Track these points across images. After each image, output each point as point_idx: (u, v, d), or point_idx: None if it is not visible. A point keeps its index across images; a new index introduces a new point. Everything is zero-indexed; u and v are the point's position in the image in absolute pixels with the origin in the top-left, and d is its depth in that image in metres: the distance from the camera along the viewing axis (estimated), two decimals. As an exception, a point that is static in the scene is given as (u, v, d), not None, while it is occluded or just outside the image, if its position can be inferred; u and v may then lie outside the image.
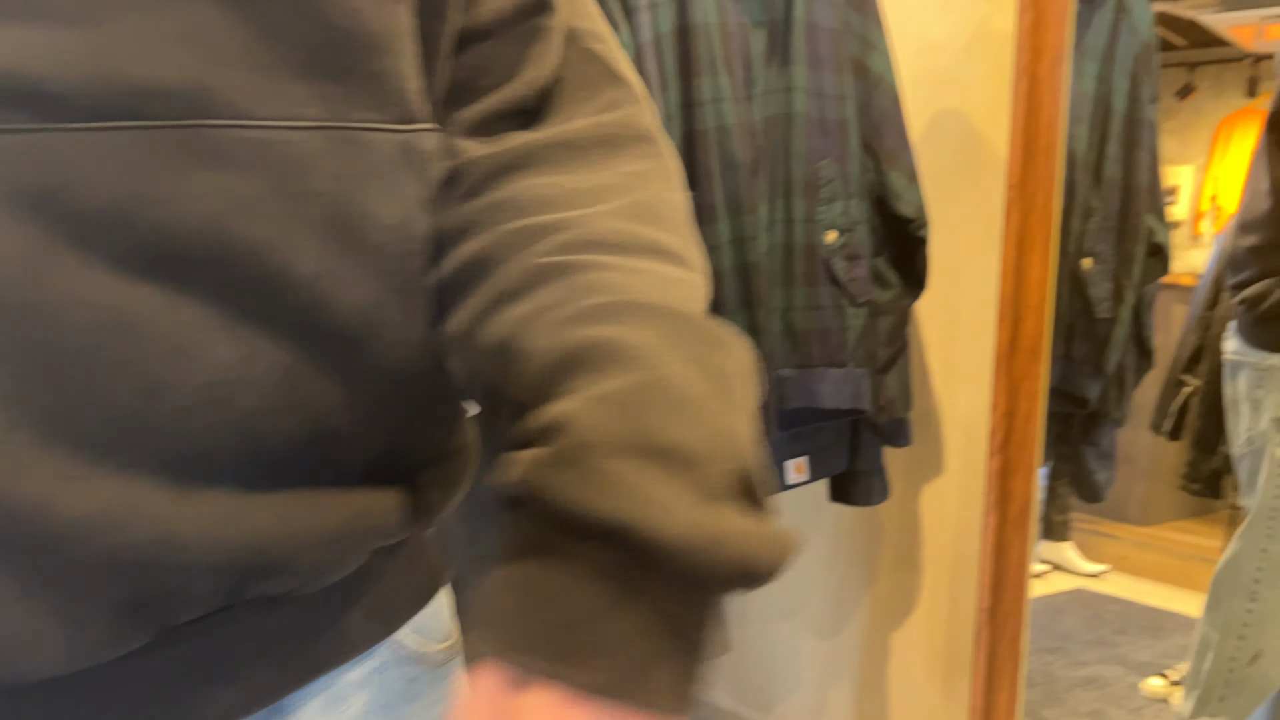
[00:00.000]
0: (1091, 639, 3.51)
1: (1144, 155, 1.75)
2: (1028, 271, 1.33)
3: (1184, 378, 3.15)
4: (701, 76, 1.12)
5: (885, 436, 1.47)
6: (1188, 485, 3.08)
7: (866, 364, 1.37)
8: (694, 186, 1.15)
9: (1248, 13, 5.07)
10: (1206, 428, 2.96)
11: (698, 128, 1.13)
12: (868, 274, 1.35)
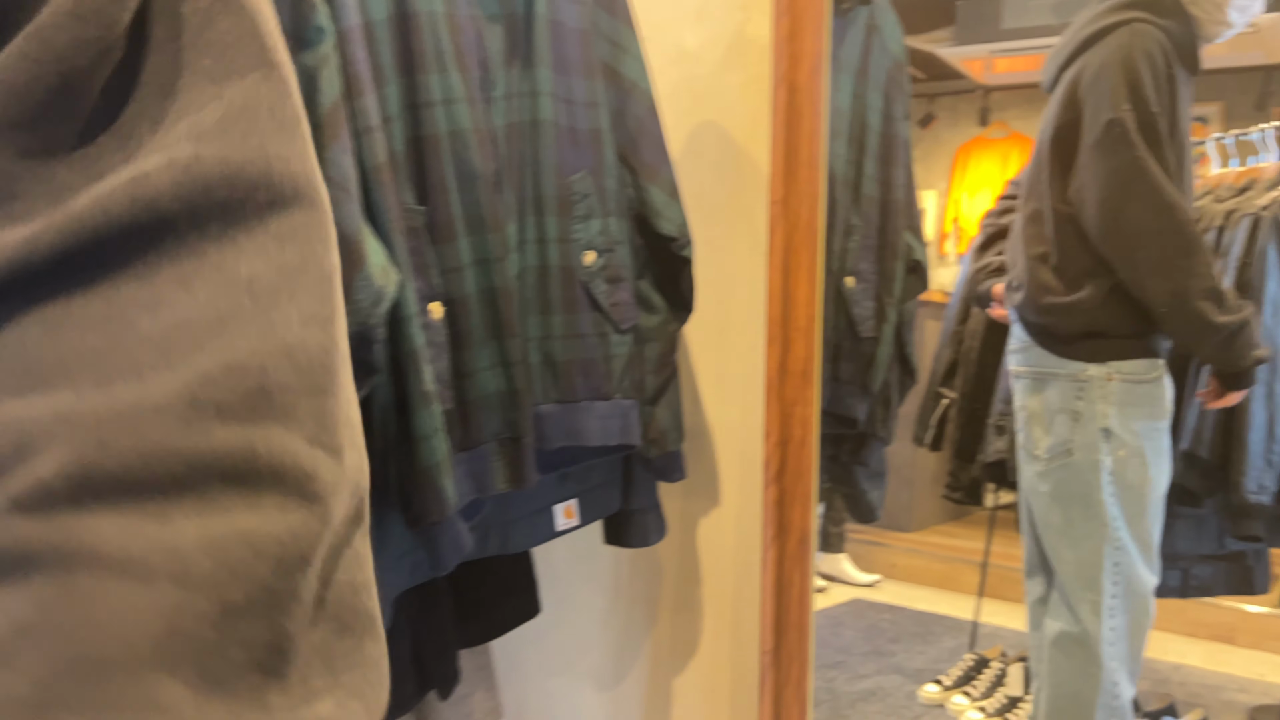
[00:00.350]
0: (870, 650, 3.58)
1: (900, 172, 1.75)
2: (794, 292, 1.27)
3: (942, 390, 3.28)
4: (428, 73, 0.97)
5: (658, 471, 1.37)
6: (950, 494, 3.20)
7: (634, 395, 1.26)
8: (426, 200, 1.00)
9: (978, 47, 5.48)
10: (965, 438, 3.08)
11: (427, 132, 0.98)
12: (631, 298, 1.23)
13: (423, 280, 0.96)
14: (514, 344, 1.07)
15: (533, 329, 1.15)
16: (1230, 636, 4.04)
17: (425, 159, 0.99)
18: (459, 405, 1.05)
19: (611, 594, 1.70)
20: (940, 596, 4.50)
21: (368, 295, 0.80)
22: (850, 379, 1.75)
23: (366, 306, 0.79)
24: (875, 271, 1.75)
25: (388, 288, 0.82)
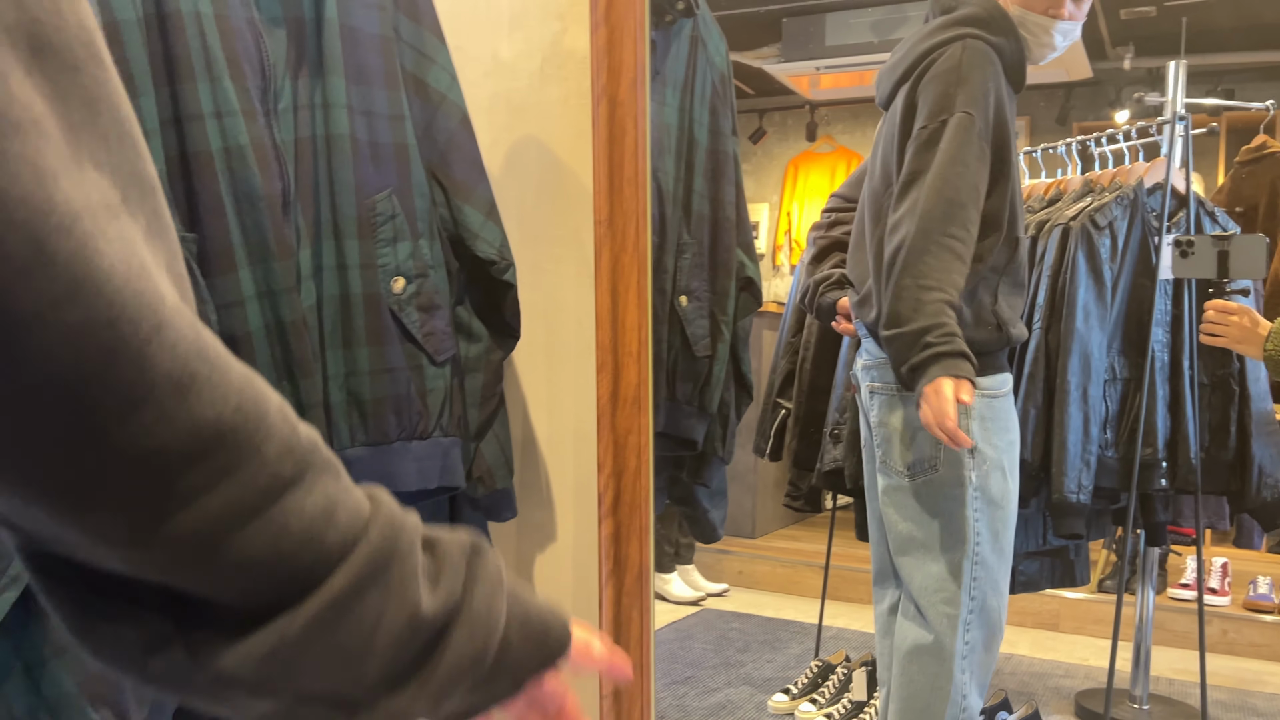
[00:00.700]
0: (720, 662, 3.58)
1: (729, 189, 1.72)
2: (624, 316, 1.20)
3: (779, 401, 3.31)
4: (195, 82, 0.85)
5: (487, 511, 1.27)
6: (791, 502, 3.22)
7: (456, 432, 1.16)
8: (196, 227, 0.87)
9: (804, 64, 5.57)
10: (803, 448, 3.11)
11: (194, 149, 0.86)
12: (448, 326, 1.14)
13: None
14: (309, 385, 0.96)
15: (335, 365, 1.04)
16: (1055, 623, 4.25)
17: (195, 179, 0.86)
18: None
19: (443, 639, 1.59)
20: (786, 601, 4.56)
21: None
22: (687, 399, 1.71)
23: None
24: (708, 289, 1.71)
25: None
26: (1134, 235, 2.37)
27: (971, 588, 1.75)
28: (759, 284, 1.77)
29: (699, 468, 1.81)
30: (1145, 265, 2.37)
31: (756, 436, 3.39)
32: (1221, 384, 2.45)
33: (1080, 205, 2.41)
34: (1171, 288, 2.41)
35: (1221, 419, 2.44)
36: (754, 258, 1.77)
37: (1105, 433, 2.38)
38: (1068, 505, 2.27)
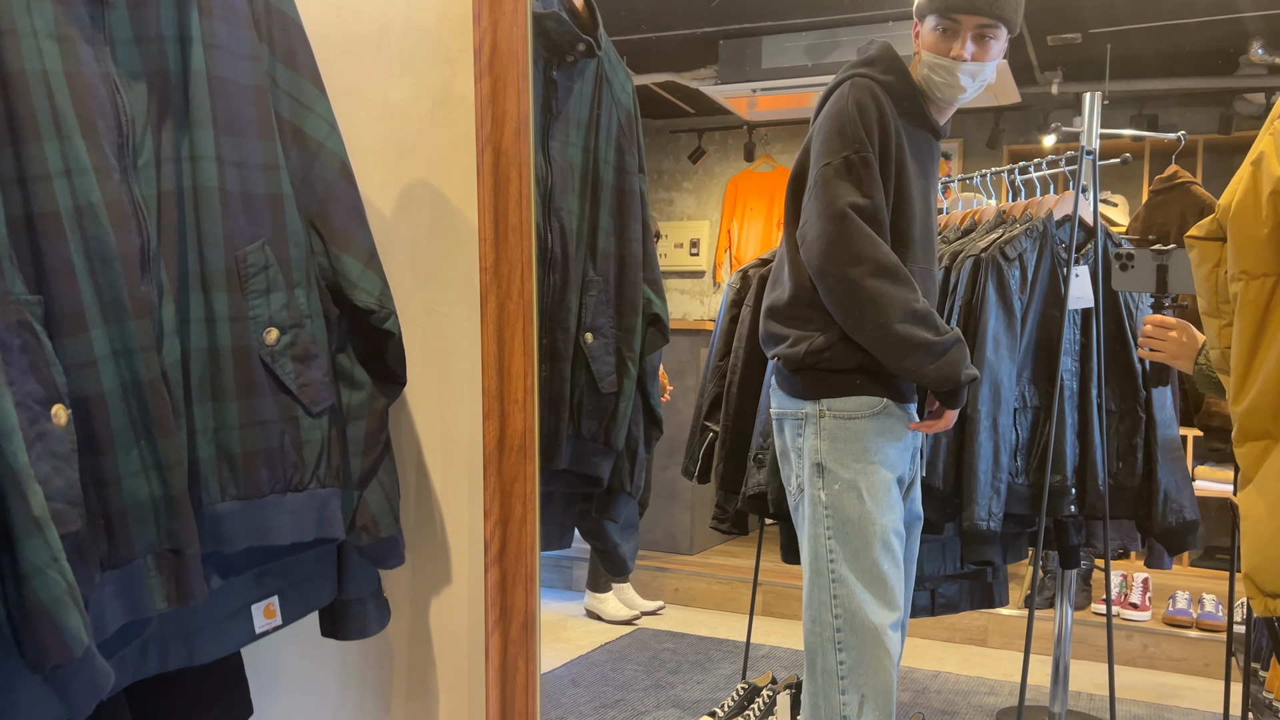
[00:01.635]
0: (650, 684, 3.58)
1: (635, 225, 1.73)
2: (510, 364, 1.20)
3: (707, 424, 3.32)
4: (40, 141, 0.83)
5: (373, 559, 1.26)
6: (718, 525, 3.24)
7: (335, 482, 1.15)
8: (43, 288, 0.85)
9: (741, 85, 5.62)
10: (729, 471, 3.13)
11: (40, 209, 0.84)
12: (326, 375, 1.12)
13: (39, 381, 0.82)
14: (168, 444, 0.94)
15: (204, 419, 1.02)
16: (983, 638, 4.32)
17: (42, 239, 0.85)
18: (103, 518, 0.91)
19: (340, 684, 1.57)
20: (721, 619, 4.57)
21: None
22: (593, 436, 1.71)
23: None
24: (614, 326, 1.71)
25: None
26: (1043, 266, 2.42)
27: (834, 605, 1.79)
28: (665, 320, 1.78)
29: (607, 503, 1.81)
30: (1055, 295, 2.43)
31: (685, 458, 3.40)
32: (1129, 411, 2.51)
33: (992, 236, 2.45)
34: (1080, 317, 2.46)
35: (1128, 445, 2.50)
36: (661, 294, 1.78)
37: (1016, 460, 2.42)
38: (979, 533, 2.31)
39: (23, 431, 0.78)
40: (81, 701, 0.83)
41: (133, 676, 1.11)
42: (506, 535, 1.22)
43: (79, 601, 0.81)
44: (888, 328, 1.71)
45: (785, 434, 1.93)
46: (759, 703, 3.09)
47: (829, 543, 1.83)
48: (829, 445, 1.81)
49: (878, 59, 1.85)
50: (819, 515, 1.83)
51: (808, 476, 1.84)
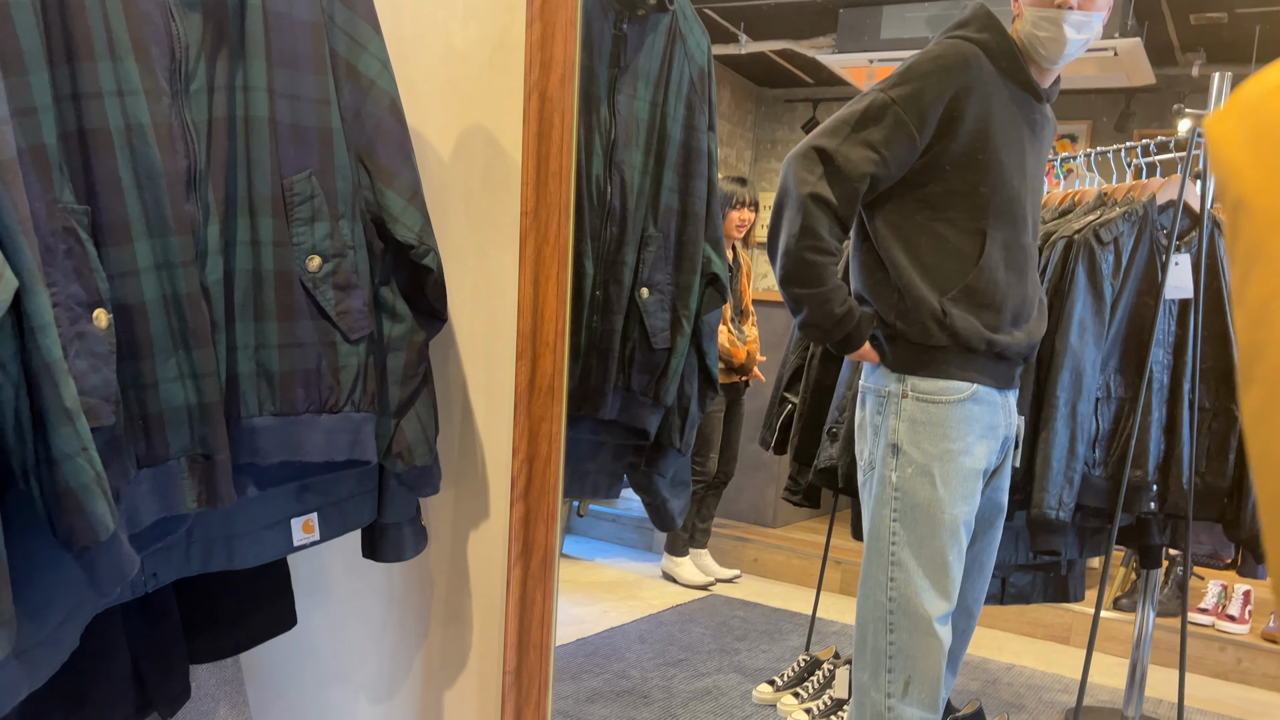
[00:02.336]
0: (715, 648, 3.61)
1: (700, 184, 1.73)
2: (544, 306, 1.23)
3: (786, 395, 3.31)
4: (93, 61, 0.90)
5: (409, 485, 1.32)
6: (790, 496, 3.22)
7: (370, 408, 1.21)
8: (91, 200, 0.93)
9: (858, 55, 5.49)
10: (805, 443, 3.11)
11: (91, 125, 0.91)
12: (365, 305, 1.18)
13: (82, 285, 0.89)
14: (204, 355, 1.01)
15: (245, 337, 1.09)
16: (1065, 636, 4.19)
17: (91, 155, 0.91)
18: (141, 419, 0.98)
19: (385, 605, 1.65)
20: (795, 593, 4.56)
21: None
22: (642, 390, 1.73)
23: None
24: (671, 283, 1.72)
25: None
26: (1140, 252, 2.31)
27: (889, 588, 1.77)
28: (725, 280, 1.78)
29: (655, 458, 1.83)
30: (1150, 284, 2.32)
31: (763, 429, 3.39)
32: (1223, 410, 2.38)
33: (1089, 219, 2.36)
34: (1177, 309, 2.35)
35: (1220, 445, 2.38)
36: (722, 254, 1.78)
37: (1094, 451, 2.33)
38: (1047, 521, 2.24)
39: (61, 330, 0.85)
40: (107, 582, 0.90)
41: (178, 573, 1.20)
42: (532, 473, 1.25)
43: (106, 490, 0.88)
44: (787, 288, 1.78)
45: (866, 407, 1.89)
46: (819, 675, 3.08)
47: (893, 524, 1.80)
48: (907, 427, 1.77)
49: (971, 19, 1.80)
50: (886, 496, 1.80)
51: (881, 455, 1.82)
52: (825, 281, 1.73)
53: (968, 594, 1.94)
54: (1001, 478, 1.90)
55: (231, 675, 1.49)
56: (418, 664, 1.63)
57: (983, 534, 1.92)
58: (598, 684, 3.10)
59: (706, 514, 4.62)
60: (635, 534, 5.21)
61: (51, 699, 1.18)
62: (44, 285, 0.81)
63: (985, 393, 1.77)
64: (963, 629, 1.98)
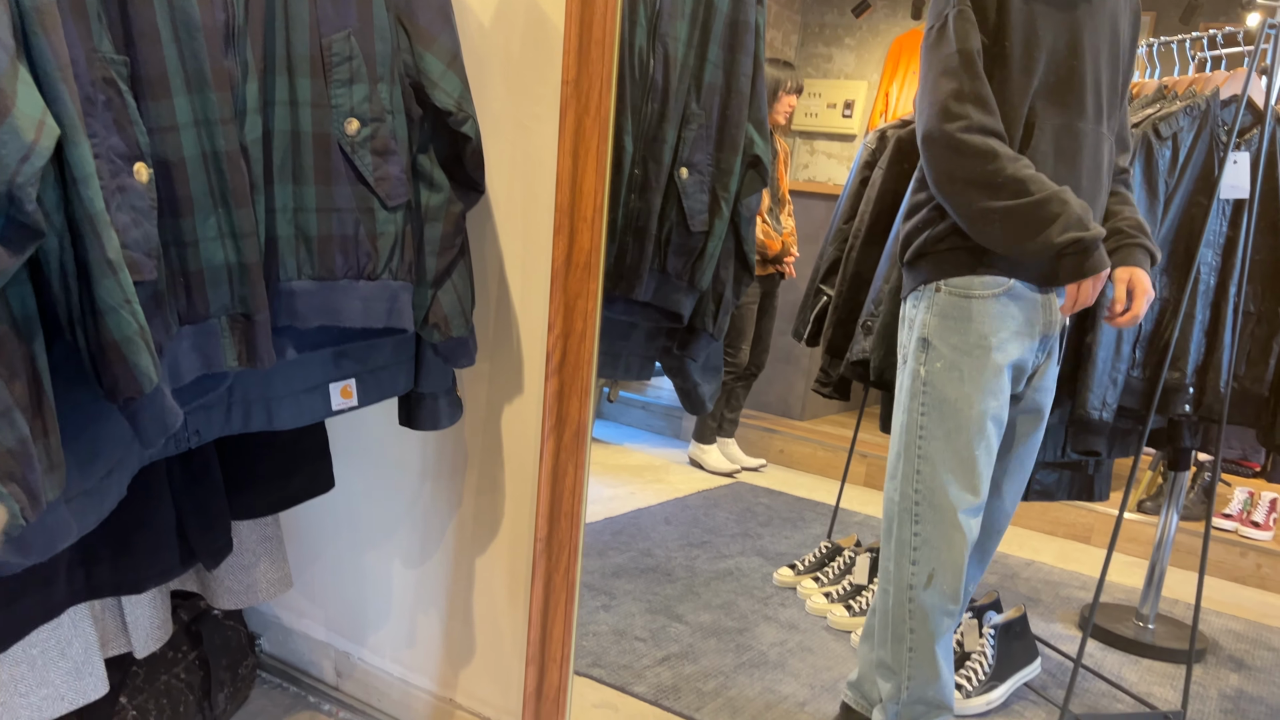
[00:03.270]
0: (738, 532, 3.68)
1: (746, 60, 1.67)
2: (582, 180, 1.21)
3: (822, 287, 3.28)
4: (129, -93, 0.88)
5: (445, 356, 1.33)
6: (820, 389, 3.23)
7: (407, 277, 1.21)
8: (129, 50, 0.91)
9: (914, -66, 5.22)
10: (838, 336, 3.10)
11: (129, -24, 0.89)
12: (404, 172, 1.17)
13: (123, 138, 0.89)
14: (243, 214, 1.01)
15: (284, 199, 1.08)
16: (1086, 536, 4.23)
17: (129, 5, 0.90)
18: (182, 276, 0.99)
19: (420, 473, 1.69)
20: (819, 483, 4.63)
21: (12, 149, 0.73)
22: (678, 273, 1.72)
23: (11, 162, 0.72)
24: (711, 164, 1.69)
25: (41, 143, 0.75)
26: (1199, 149, 2.23)
27: (916, 480, 1.78)
28: (767, 162, 1.74)
29: (688, 342, 1.83)
30: (1206, 182, 2.24)
31: (796, 320, 3.38)
32: (1270, 315, 2.34)
33: (1148, 112, 2.27)
34: (1230, 209, 2.28)
35: (1262, 351, 2.34)
36: (765, 135, 1.74)
37: (1135, 352, 2.31)
38: (1090, 422, 2.23)
39: (103, 182, 0.85)
40: (151, 433, 0.92)
41: (219, 432, 1.23)
42: (566, 349, 1.26)
43: (150, 343, 0.89)
44: (950, 187, 1.64)
45: (906, 303, 1.87)
46: (839, 561, 3.14)
47: (922, 419, 1.80)
48: (938, 322, 1.76)
49: None
50: (916, 389, 1.80)
51: (912, 350, 1.81)
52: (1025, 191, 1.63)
53: (1006, 493, 1.94)
54: (1044, 378, 1.85)
55: (272, 533, 1.55)
56: (451, 530, 1.68)
57: (1026, 435, 1.90)
58: (623, 560, 3.18)
59: (736, 404, 4.65)
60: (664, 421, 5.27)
61: (100, 546, 1.23)
62: (85, 136, 0.81)
63: (1022, 289, 1.72)
64: (999, 528, 1.99)
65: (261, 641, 2.02)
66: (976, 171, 1.62)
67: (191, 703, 1.65)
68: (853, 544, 3.30)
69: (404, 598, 1.77)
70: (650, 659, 2.39)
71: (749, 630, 2.68)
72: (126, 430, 1.03)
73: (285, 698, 1.93)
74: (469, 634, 1.69)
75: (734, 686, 2.29)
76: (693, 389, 1.92)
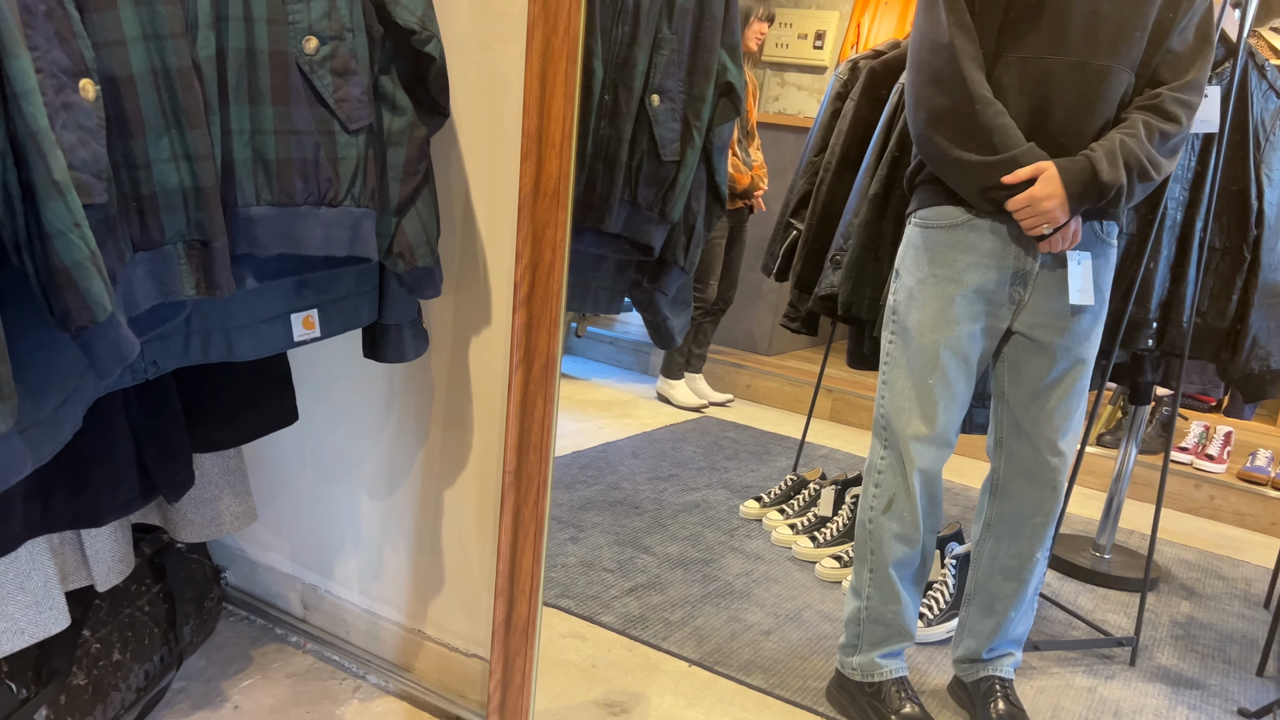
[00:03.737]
0: (706, 465, 3.71)
1: (719, -17, 1.63)
2: (550, 105, 1.18)
3: (792, 221, 3.26)
4: None
5: (410, 287, 1.30)
6: (788, 323, 3.23)
7: (370, 204, 1.17)
8: (70, -41, 0.86)
9: None
10: (807, 270, 3.09)
11: (67, -123, 0.83)
12: (365, 94, 1.12)
13: (66, 52, 0.84)
14: (198, 135, 0.97)
15: (239, 121, 1.04)
16: (1046, 471, 4.29)
17: (68, -91, 0.85)
18: (134, 200, 0.95)
19: (385, 406, 1.67)
20: (785, 418, 4.66)
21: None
22: (648, 204, 1.69)
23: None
24: (684, 91, 1.65)
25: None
26: (1171, 82, 2.22)
27: (881, 405, 1.83)
28: (741, 91, 1.70)
29: (658, 275, 1.81)
30: (1176, 116, 2.24)
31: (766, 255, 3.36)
32: (1234, 250, 2.35)
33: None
34: (1199, 143, 2.28)
35: (1225, 286, 2.37)
36: (738, 63, 1.70)
37: (1099, 286, 2.32)
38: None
39: (47, 99, 0.81)
40: (107, 363, 0.89)
41: (177, 362, 1.20)
42: (535, 280, 1.24)
43: (102, 270, 0.86)
44: (921, 130, 1.67)
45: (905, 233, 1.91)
46: (804, 494, 3.18)
47: (890, 346, 1.84)
48: (907, 253, 1.81)
49: None
50: (889, 318, 1.84)
51: (892, 279, 1.86)
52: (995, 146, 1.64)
53: (1034, 436, 1.81)
54: (1039, 313, 1.77)
55: (235, 466, 1.52)
56: (418, 463, 1.66)
57: (1035, 370, 1.80)
58: (591, 494, 3.19)
59: (703, 340, 4.65)
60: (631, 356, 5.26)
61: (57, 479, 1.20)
62: (25, 48, 0.76)
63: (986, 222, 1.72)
64: (1042, 479, 1.83)
65: (227, 575, 2.01)
66: (944, 109, 1.63)
67: (156, 635, 1.64)
68: (818, 477, 3.33)
69: (371, 531, 1.76)
70: (618, 590, 2.41)
71: (715, 561, 2.71)
72: (81, 360, 1.00)
73: (252, 630, 1.93)
74: (437, 566, 1.69)
75: (700, 616, 2.32)
76: (662, 323, 1.91)
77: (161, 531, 1.73)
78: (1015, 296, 1.76)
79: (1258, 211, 2.31)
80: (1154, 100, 1.69)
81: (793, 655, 2.19)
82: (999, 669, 1.97)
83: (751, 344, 5.19)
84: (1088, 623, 2.54)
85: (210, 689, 1.72)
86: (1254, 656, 2.53)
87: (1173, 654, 2.48)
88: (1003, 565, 1.88)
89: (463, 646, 1.70)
